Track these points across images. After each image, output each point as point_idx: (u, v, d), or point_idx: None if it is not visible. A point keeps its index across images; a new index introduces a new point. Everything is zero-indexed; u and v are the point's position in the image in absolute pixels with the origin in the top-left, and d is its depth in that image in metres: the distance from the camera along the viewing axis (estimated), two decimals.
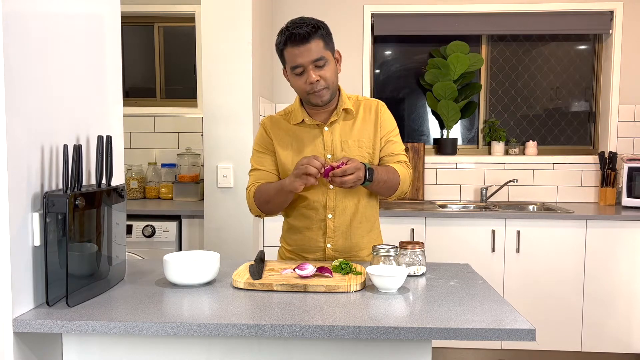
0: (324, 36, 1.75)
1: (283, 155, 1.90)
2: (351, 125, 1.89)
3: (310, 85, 1.76)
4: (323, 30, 1.76)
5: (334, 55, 1.82)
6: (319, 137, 1.88)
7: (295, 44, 1.72)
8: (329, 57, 1.77)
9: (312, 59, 1.73)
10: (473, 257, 3.11)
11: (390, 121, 1.93)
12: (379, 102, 1.94)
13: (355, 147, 1.87)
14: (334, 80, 1.81)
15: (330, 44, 1.79)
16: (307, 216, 1.91)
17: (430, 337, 1.25)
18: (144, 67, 4.11)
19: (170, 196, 3.72)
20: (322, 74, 1.76)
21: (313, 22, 1.75)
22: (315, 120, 1.88)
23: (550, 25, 3.78)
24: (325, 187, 1.88)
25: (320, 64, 1.75)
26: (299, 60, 1.74)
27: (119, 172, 1.73)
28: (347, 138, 1.88)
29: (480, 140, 4.00)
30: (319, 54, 1.74)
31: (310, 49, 1.72)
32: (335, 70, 1.81)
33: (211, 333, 1.26)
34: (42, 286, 1.38)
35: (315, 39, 1.73)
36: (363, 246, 1.94)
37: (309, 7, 3.81)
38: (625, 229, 3.18)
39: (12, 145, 1.27)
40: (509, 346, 3.26)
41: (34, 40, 1.37)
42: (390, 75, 4.07)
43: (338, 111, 1.87)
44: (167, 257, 1.58)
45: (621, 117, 3.76)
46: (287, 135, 1.91)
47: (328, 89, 1.79)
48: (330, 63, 1.78)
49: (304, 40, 1.72)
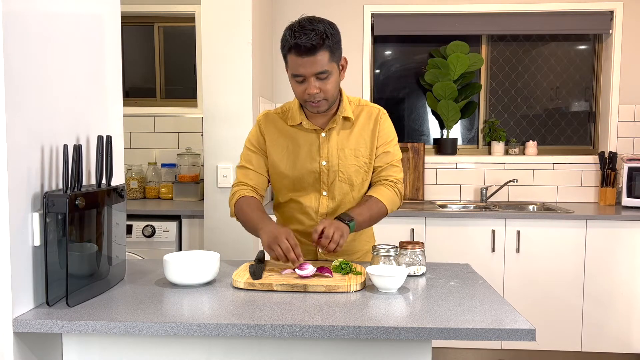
0: (331, 47, 1.66)
1: (276, 157, 1.86)
2: (349, 133, 1.84)
3: (308, 95, 1.70)
4: (331, 40, 1.67)
5: (340, 63, 1.74)
6: (316, 143, 1.84)
7: (299, 54, 1.64)
8: (333, 69, 1.70)
9: (314, 72, 1.66)
10: (473, 257, 3.11)
11: (388, 131, 1.87)
12: (380, 110, 1.88)
13: (352, 156, 1.83)
14: (334, 92, 1.74)
15: (336, 53, 1.70)
16: (300, 221, 1.90)
17: (430, 337, 1.25)
18: (144, 67, 4.11)
19: (170, 196, 3.72)
20: (322, 87, 1.69)
21: (322, 30, 1.65)
22: (313, 125, 1.83)
23: (550, 25, 3.78)
24: (318, 194, 1.86)
25: (323, 77, 1.68)
26: (301, 70, 1.66)
27: (119, 172, 1.73)
28: (344, 146, 1.83)
29: (480, 140, 4.00)
30: (322, 67, 1.66)
31: (314, 62, 1.65)
32: (337, 81, 1.74)
33: (211, 333, 1.26)
34: (42, 286, 1.38)
35: (322, 51, 1.64)
36: (356, 249, 1.93)
37: (309, 7, 3.80)
38: (625, 229, 3.18)
39: (12, 145, 1.27)
40: (509, 346, 3.26)
41: (34, 40, 1.37)
42: (390, 75, 4.07)
43: (337, 118, 1.82)
44: (167, 257, 1.58)
45: (621, 117, 3.76)
46: (282, 135, 1.86)
47: (327, 101, 1.73)
48: (334, 75, 1.71)
49: (309, 52, 1.63)
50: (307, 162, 1.84)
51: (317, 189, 1.85)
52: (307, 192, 1.86)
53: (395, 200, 1.86)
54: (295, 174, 1.85)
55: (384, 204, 1.81)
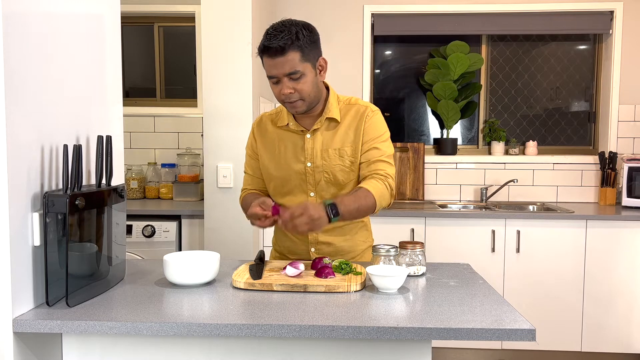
0: (302, 47, 1.65)
1: (266, 159, 1.88)
2: (334, 134, 1.82)
3: (283, 96, 1.71)
4: (303, 40, 1.65)
5: (317, 64, 1.73)
6: (300, 144, 1.83)
7: (269, 55, 1.66)
8: (305, 69, 1.68)
9: (285, 72, 1.66)
10: (473, 257, 3.11)
11: (376, 127, 1.82)
12: (368, 107, 1.84)
13: (336, 157, 1.81)
14: (311, 92, 1.72)
15: (311, 53, 1.69)
16: None
17: (430, 337, 1.25)
18: (144, 67, 4.11)
19: (170, 196, 3.72)
20: (296, 87, 1.68)
21: (294, 30, 1.65)
22: (300, 126, 1.83)
23: (550, 25, 3.78)
24: (306, 195, 1.85)
25: (295, 77, 1.67)
26: (273, 71, 1.67)
27: (119, 172, 1.73)
28: (327, 147, 1.81)
29: (480, 140, 4.00)
30: (293, 68, 1.65)
31: (284, 62, 1.65)
32: (313, 82, 1.72)
33: (211, 333, 1.26)
34: (42, 286, 1.38)
35: (292, 51, 1.64)
36: (350, 249, 1.91)
37: (309, 7, 3.80)
38: (625, 229, 3.18)
39: (12, 145, 1.27)
40: (509, 346, 3.26)
41: (34, 40, 1.37)
42: (390, 75, 4.07)
43: (322, 119, 1.81)
44: (167, 257, 1.58)
45: (621, 117, 3.76)
46: (272, 139, 1.88)
47: (303, 101, 1.72)
48: (307, 75, 1.69)
49: (278, 53, 1.64)
50: (292, 163, 1.84)
51: (304, 190, 1.85)
52: (294, 194, 1.85)
53: (385, 194, 1.76)
54: (282, 174, 1.85)
55: (373, 196, 1.73)
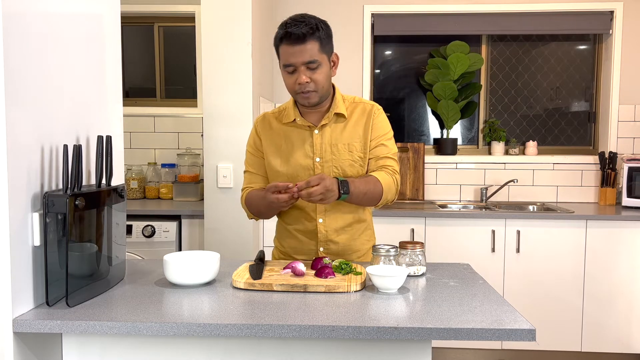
0: (321, 38, 1.72)
1: (271, 156, 1.88)
2: (342, 129, 1.85)
3: (299, 86, 1.74)
4: (322, 32, 1.72)
5: (331, 57, 1.79)
6: (309, 139, 1.85)
7: (290, 43, 1.70)
8: (323, 60, 1.74)
9: (304, 61, 1.71)
10: (473, 257, 3.11)
11: (382, 125, 1.87)
12: (374, 105, 1.89)
13: (346, 151, 1.84)
14: (325, 84, 1.77)
15: (327, 46, 1.76)
16: (299, 220, 1.90)
17: (430, 337, 1.25)
18: (144, 67, 4.11)
19: (170, 196, 3.72)
20: (313, 77, 1.73)
21: (314, 21, 1.72)
22: (307, 122, 1.85)
23: (550, 25, 3.78)
24: None
25: (313, 66, 1.72)
26: (292, 59, 1.71)
27: (119, 172, 1.73)
28: (337, 142, 1.84)
29: (480, 140, 4.00)
30: (312, 57, 1.71)
31: (304, 50, 1.69)
32: (328, 74, 1.78)
33: (211, 333, 1.26)
34: (42, 286, 1.38)
35: (312, 40, 1.70)
36: (356, 248, 1.92)
37: (309, 7, 3.81)
38: (625, 229, 3.18)
39: (12, 145, 1.27)
40: (509, 346, 3.26)
41: (34, 40, 1.37)
42: (390, 75, 4.07)
43: (330, 114, 1.83)
44: (167, 257, 1.58)
45: (621, 117, 3.76)
46: (277, 136, 1.89)
47: (317, 93, 1.76)
48: (324, 67, 1.75)
49: (299, 41, 1.69)
50: (300, 158, 1.85)
51: None
52: None
53: (391, 186, 1.83)
54: (290, 170, 1.85)
55: (381, 185, 1.79)
